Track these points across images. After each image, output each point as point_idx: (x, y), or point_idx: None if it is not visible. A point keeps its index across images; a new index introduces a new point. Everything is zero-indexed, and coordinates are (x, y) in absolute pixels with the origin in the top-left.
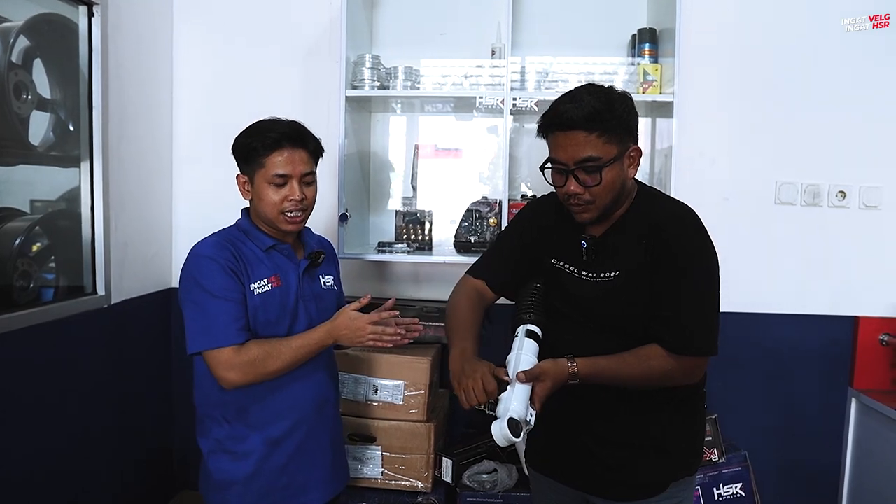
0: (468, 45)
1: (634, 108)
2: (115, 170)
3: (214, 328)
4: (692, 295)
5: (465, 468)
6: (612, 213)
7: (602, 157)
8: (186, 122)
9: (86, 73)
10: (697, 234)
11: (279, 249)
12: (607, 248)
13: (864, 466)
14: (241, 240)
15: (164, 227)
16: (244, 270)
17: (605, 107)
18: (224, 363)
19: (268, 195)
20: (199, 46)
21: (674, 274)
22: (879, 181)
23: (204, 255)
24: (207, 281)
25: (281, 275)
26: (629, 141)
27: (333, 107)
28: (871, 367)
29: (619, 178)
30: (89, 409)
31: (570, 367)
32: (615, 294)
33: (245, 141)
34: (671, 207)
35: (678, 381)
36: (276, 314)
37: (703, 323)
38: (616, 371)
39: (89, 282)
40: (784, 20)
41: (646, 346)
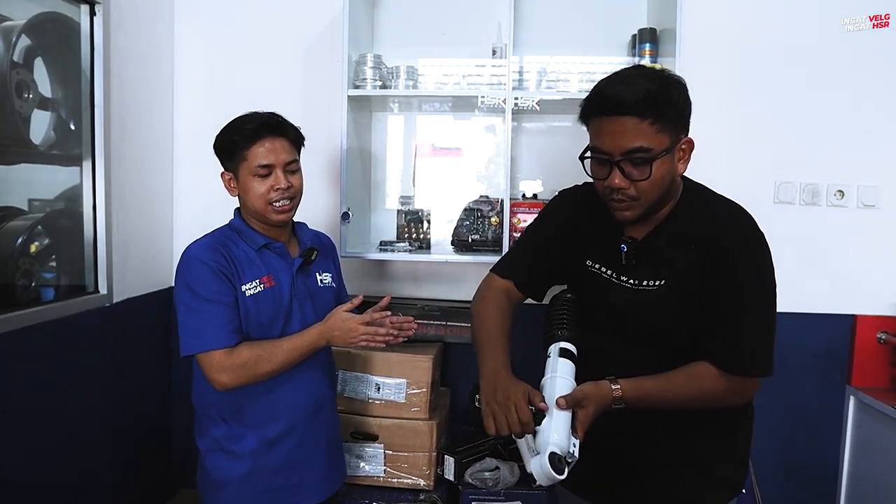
0: (469, 44)
1: (689, 96)
2: (116, 168)
3: (205, 331)
4: (751, 311)
5: (468, 466)
6: (656, 212)
7: (653, 149)
8: (187, 121)
9: (87, 71)
10: (757, 242)
11: (272, 248)
12: (651, 253)
13: (862, 464)
14: (234, 240)
15: (165, 226)
16: (235, 272)
17: (661, 91)
18: (216, 366)
19: (253, 187)
20: (199, 46)
21: (732, 286)
22: (877, 181)
23: (194, 258)
24: (198, 284)
25: (274, 274)
26: (682, 132)
27: (334, 106)
28: (869, 365)
29: (669, 174)
30: (90, 409)
31: (614, 391)
32: (661, 305)
33: (225, 137)
34: (725, 209)
35: (730, 402)
36: (270, 315)
37: (762, 342)
38: (664, 393)
39: (91, 281)
40: (782, 20)
41: (696, 365)
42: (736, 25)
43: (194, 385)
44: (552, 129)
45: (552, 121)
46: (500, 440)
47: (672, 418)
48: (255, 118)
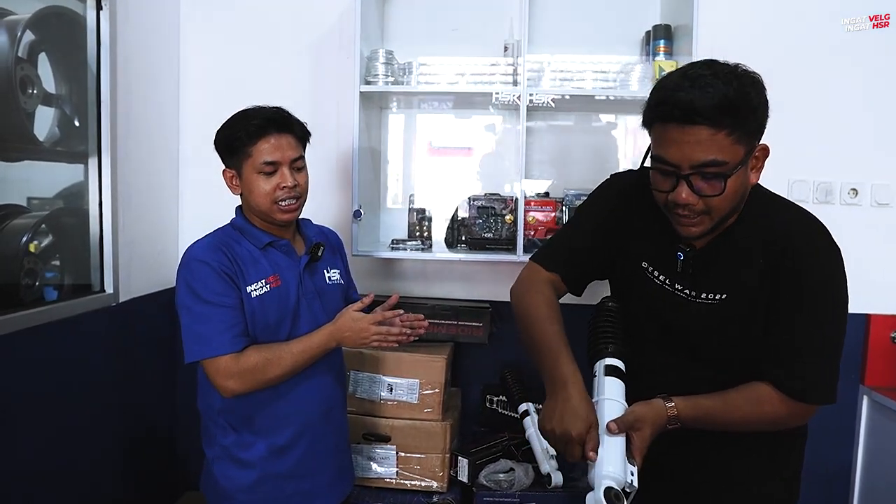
0: (480, 40)
1: (766, 96)
2: (122, 166)
3: (209, 336)
4: (820, 334)
5: (482, 467)
6: (723, 224)
7: (728, 162)
8: (193, 119)
9: (94, 67)
10: (830, 258)
11: (277, 246)
12: (710, 263)
13: (876, 463)
14: (236, 239)
15: (171, 224)
16: (239, 272)
17: (740, 96)
18: (222, 372)
19: (258, 185)
20: (206, 42)
21: (800, 307)
22: (891, 179)
23: (196, 259)
24: (200, 286)
25: (280, 273)
26: (757, 139)
27: (343, 103)
28: (883, 364)
29: (743, 186)
30: (95, 409)
31: (669, 410)
32: (722, 321)
33: (227, 132)
34: (797, 220)
35: (788, 426)
36: (277, 316)
37: (828, 368)
38: (721, 414)
39: (97, 280)
40: (795, 20)
41: (757, 387)
42: (748, 25)
43: (200, 391)
44: (558, 128)
45: (560, 119)
46: (514, 440)
47: (722, 438)
48: (260, 113)
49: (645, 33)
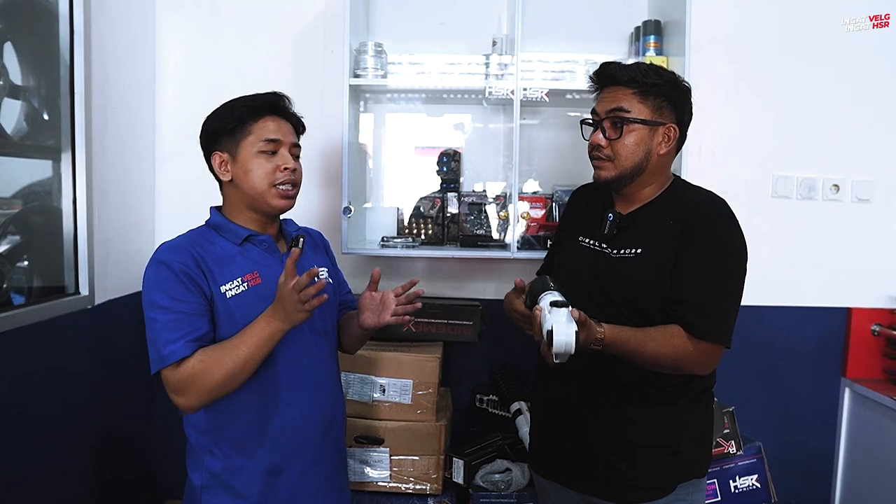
0: (469, 35)
1: (684, 92)
2: (97, 162)
3: (160, 345)
4: (716, 280)
5: (477, 469)
6: (632, 184)
7: (630, 112)
8: (170, 112)
9: (67, 58)
10: (727, 222)
11: (256, 242)
12: (632, 226)
13: (857, 452)
14: (210, 238)
15: (147, 222)
16: (208, 273)
17: (652, 71)
18: (170, 385)
19: (258, 165)
20: (183, 31)
21: (700, 257)
22: (871, 175)
23: (156, 259)
24: (157, 290)
25: (261, 271)
26: (667, 116)
27: (328, 97)
28: (864, 356)
29: (644, 145)
30: (70, 416)
31: (598, 331)
32: (634, 271)
33: (226, 112)
34: (705, 195)
35: (694, 368)
36: (255, 315)
37: (723, 311)
38: (639, 344)
39: (71, 281)
40: (782, 17)
41: (669, 326)
42: (737, 22)
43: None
44: (540, 125)
45: (544, 116)
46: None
47: (638, 397)
48: (262, 95)
49: (634, 29)
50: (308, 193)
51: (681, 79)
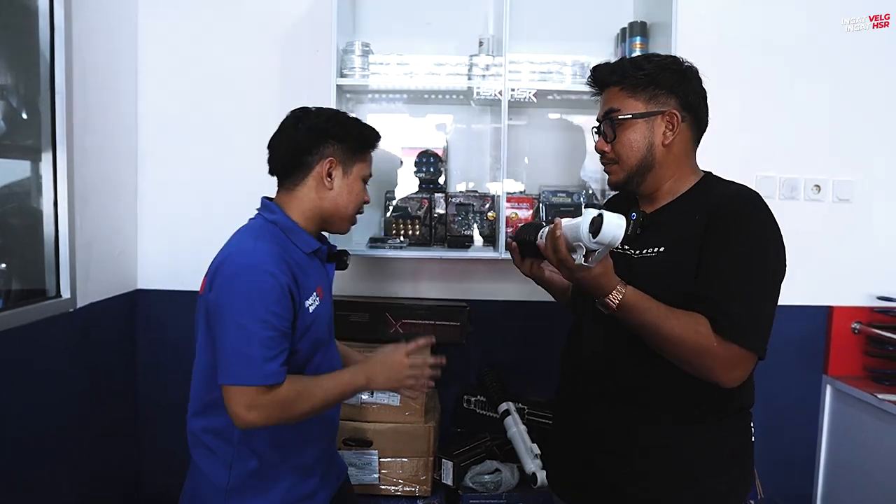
0: (455, 35)
1: (682, 73)
2: (78, 162)
3: (256, 362)
4: (744, 277)
5: (466, 470)
6: (647, 182)
7: (621, 110)
8: (152, 112)
9: (47, 55)
10: (759, 215)
11: (320, 254)
12: (656, 225)
13: (839, 448)
14: (285, 243)
15: (130, 224)
16: (299, 285)
17: (632, 63)
18: (247, 402)
19: (359, 191)
20: (166, 30)
21: (726, 251)
22: (851, 175)
23: (265, 270)
24: (261, 302)
25: (324, 284)
26: (664, 102)
27: (313, 97)
28: (845, 354)
29: (644, 139)
30: (53, 422)
31: (619, 286)
32: (656, 271)
33: (362, 130)
34: (736, 188)
35: (716, 370)
36: (325, 330)
37: (751, 311)
38: (659, 317)
39: (52, 284)
40: (765, 20)
41: (696, 313)
42: (721, 23)
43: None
44: (525, 126)
45: (527, 117)
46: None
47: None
48: (374, 128)
49: (620, 30)
50: None
51: (677, 60)
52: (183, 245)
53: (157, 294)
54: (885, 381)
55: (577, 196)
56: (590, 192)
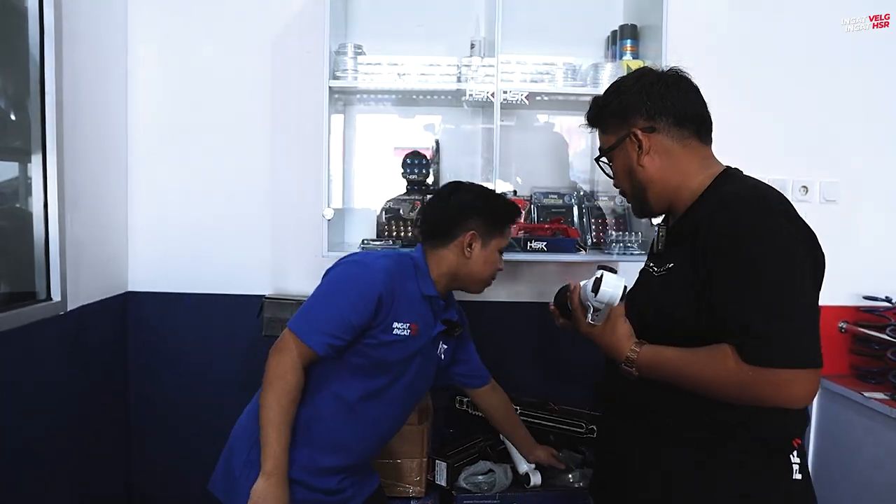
0: (446, 37)
1: (636, 89)
2: (69, 164)
3: (314, 325)
4: (755, 292)
5: (460, 470)
6: (654, 205)
7: (602, 147)
8: (143, 114)
9: (37, 56)
10: (748, 217)
11: (433, 303)
12: (673, 239)
13: (827, 444)
14: (409, 275)
15: (121, 226)
16: (394, 308)
17: (601, 101)
18: (284, 348)
19: (494, 260)
20: (157, 31)
21: (726, 269)
22: (837, 177)
23: (375, 276)
24: (347, 292)
25: (421, 327)
26: (625, 125)
27: (305, 98)
28: (831, 353)
29: (625, 166)
30: (44, 426)
31: (632, 347)
32: (664, 287)
33: (506, 206)
34: (732, 189)
35: (772, 399)
36: (395, 360)
37: (781, 326)
38: (682, 366)
39: (42, 287)
40: (754, 23)
41: (719, 345)
42: (711, 26)
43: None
44: (523, 128)
45: (526, 119)
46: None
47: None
48: (515, 204)
49: (611, 33)
50: (286, 196)
51: (632, 77)
52: (174, 246)
53: (149, 296)
54: (870, 379)
55: (569, 198)
56: (581, 193)
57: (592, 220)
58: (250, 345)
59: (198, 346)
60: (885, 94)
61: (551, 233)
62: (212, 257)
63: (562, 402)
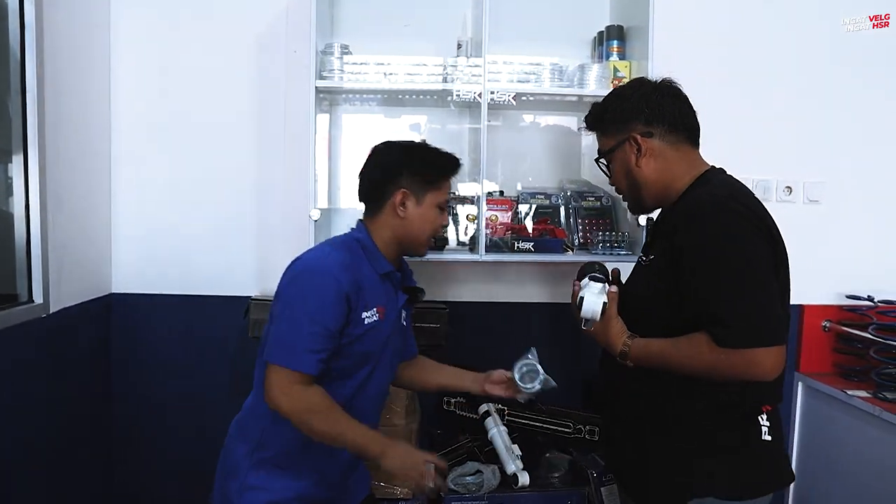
0: (433, 37)
1: (632, 96)
2: (51, 164)
3: (298, 349)
4: (716, 283)
5: (448, 471)
6: (647, 203)
7: (602, 149)
8: (126, 113)
9: (17, 54)
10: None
11: (391, 278)
12: (656, 230)
13: (810, 442)
14: (360, 258)
15: (104, 227)
16: (361, 297)
17: (601, 106)
18: (284, 385)
19: (434, 217)
20: (140, 29)
21: (691, 263)
22: (822, 177)
23: (330, 274)
24: (317, 301)
25: (387, 307)
26: (624, 130)
27: (291, 98)
28: (815, 352)
29: (623, 167)
30: (25, 431)
31: (625, 342)
32: (645, 276)
33: (433, 157)
34: (703, 192)
35: (744, 376)
36: (377, 346)
37: (742, 311)
38: (666, 355)
39: (24, 289)
40: (740, 24)
41: (696, 334)
42: (695, 25)
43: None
44: (509, 128)
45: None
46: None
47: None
48: (455, 158)
49: (597, 34)
50: (272, 197)
51: (633, 85)
52: (159, 247)
53: (133, 298)
54: (853, 377)
55: (556, 198)
56: (568, 193)
57: (579, 221)
58: (236, 347)
59: (183, 349)
60: (869, 95)
61: (538, 233)
62: (197, 258)
63: (549, 403)
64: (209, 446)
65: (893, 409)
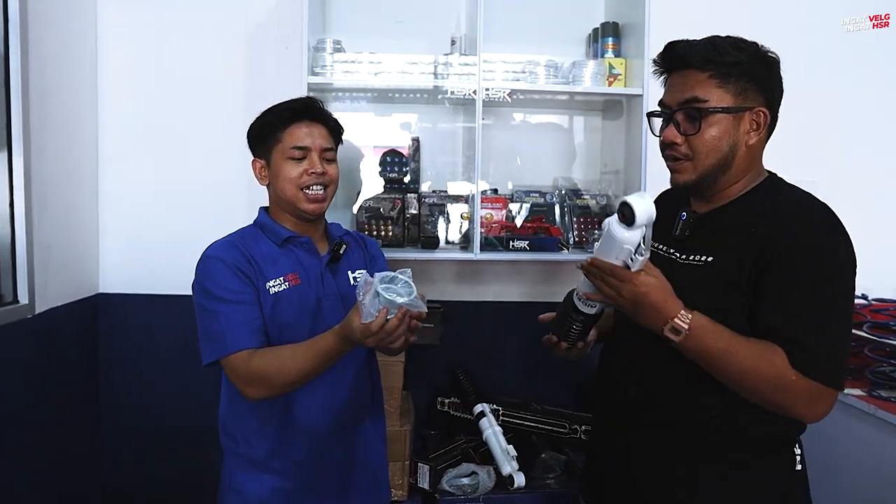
0: (426, 34)
1: (771, 66)
2: (36, 161)
3: (222, 333)
4: (817, 308)
5: (442, 473)
6: (716, 185)
7: (708, 101)
8: (113, 111)
9: (1, 50)
10: (826, 231)
11: (297, 244)
12: (708, 229)
13: (809, 443)
14: (256, 236)
15: (90, 226)
16: (258, 269)
17: (730, 46)
18: (238, 375)
19: (286, 170)
20: (127, 25)
21: (792, 277)
22: (815, 175)
23: (209, 256)
24: (212, 283)
25: (301, 272)
26: (755, 99)
27: (282, 96)
28: None
29: (728, 138)
30: (11, 433)
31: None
32: (701, 283)
33: (260, 120)
34: (798, 197)
35: (798, 406)
36: (293, 315)
37: (829, 344)
38: (732, 345)
39: (8, 289)
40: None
41: (772, 344)
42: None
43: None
44: (504, 126)
45: (506, 118)
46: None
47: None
48: (295, 102)
49: (592, 31)
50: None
51: (764, 50)
52: (146, 247)
53: (120, 298)
54: (848, 375)
55: (550, 196)
56: (562, 192)
57: (574, 219)
58: None
59: (171, 349)
60: (863, 94)
61: (533, 231)
62: (186, 257)
63: (544, 403)
64: (197, 446)
65: (888, 407)
